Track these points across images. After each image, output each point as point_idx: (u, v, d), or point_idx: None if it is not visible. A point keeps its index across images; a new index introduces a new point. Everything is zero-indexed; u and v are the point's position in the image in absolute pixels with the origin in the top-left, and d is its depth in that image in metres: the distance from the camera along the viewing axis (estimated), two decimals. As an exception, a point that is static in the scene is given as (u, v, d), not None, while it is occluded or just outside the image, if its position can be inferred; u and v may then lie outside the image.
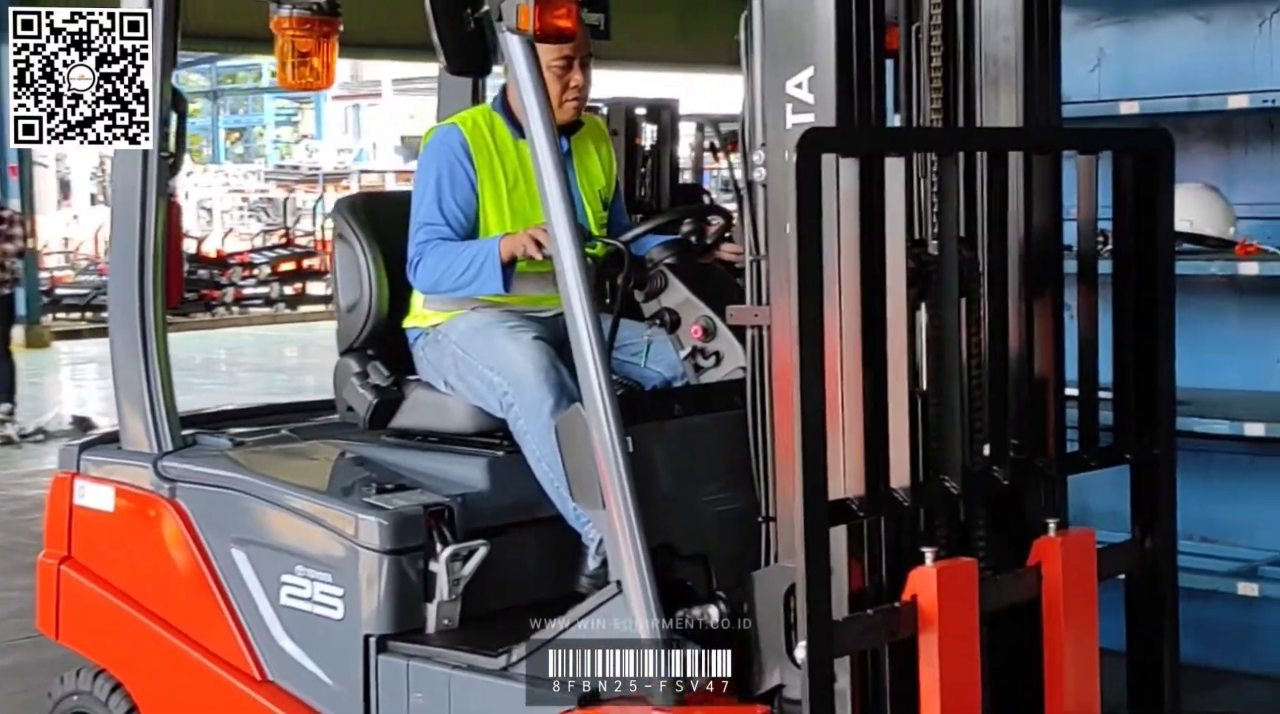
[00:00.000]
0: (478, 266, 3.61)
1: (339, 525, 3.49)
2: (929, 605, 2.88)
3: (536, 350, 3.55)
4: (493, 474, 3.66)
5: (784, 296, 2.92)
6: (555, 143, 3.12)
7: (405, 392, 3.86)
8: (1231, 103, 4.35)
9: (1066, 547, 3.13)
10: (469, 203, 3.73)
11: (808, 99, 2.90)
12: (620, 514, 3.05)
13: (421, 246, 3.70)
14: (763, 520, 3.06)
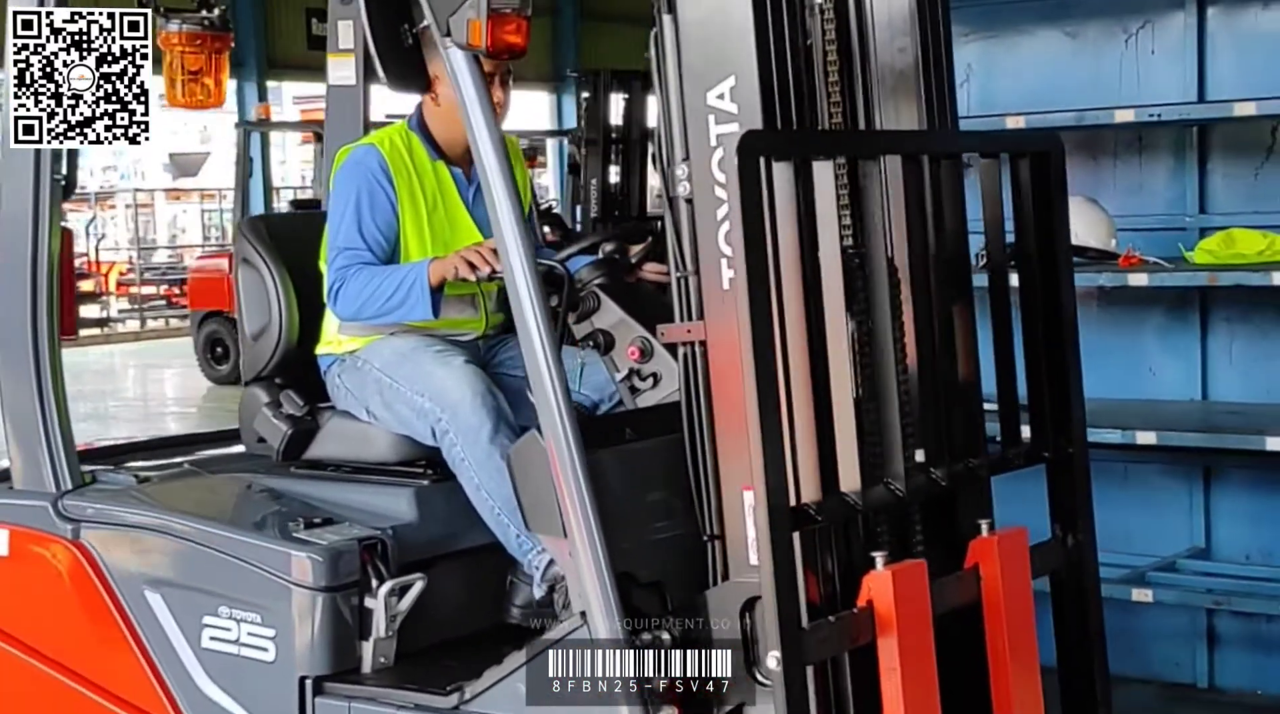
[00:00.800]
0: (404, 292, 3.50)
1: (268, 563, 3.34)
2: (886, 609, 2.88)
3: (471, 375, 3.46)
4: (421, 504, 3.56)
5: (719, 309, 2.91)
6: (504, 160, 3.03)
7: (320, 421, 3.72)
8: (1117, 117, 4.45)
9: (1002, 546, 3.15)
10: (390, 226, 3.61)
11: (730, 109, 2.87)
12: (584, 542, 2.97)
13: (342, 272, 3.56)
14: (708, 539, 3.01)
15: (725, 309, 2.89)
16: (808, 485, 2.86)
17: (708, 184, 2.91)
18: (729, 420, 2.93)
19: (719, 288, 2.91)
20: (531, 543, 3.38)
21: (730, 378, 2.90)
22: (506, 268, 3.02)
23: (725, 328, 2.89)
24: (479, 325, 3.74)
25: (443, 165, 3.70)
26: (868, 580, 2.92)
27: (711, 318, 2.94)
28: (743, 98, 2.87)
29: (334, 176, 3.68)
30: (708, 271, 2.94)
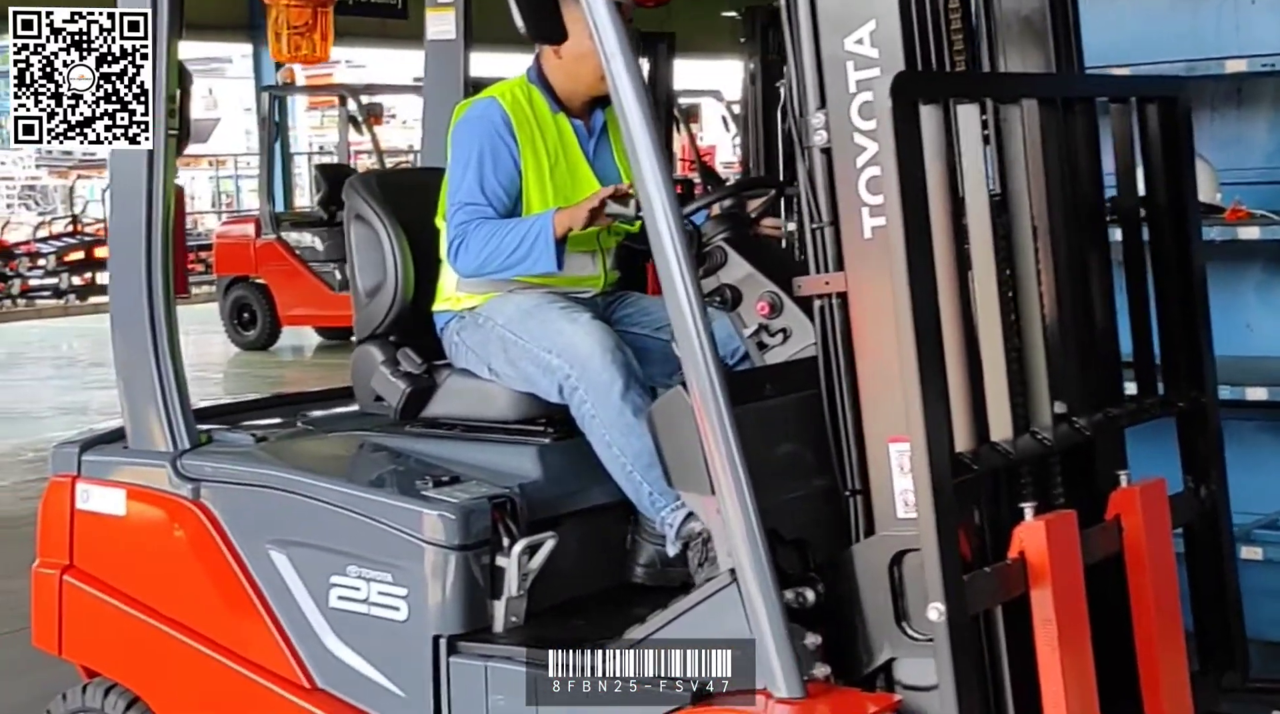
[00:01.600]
0: (529, 244, 3.45)
1: (399, 521, 3.30)
2: (1039, 560, 2.88)
3: (600, 331, 3.41)
4: (544, 463, 3.52)
5: (860, 259, 2.89)
6: (649, 111, 2.98)
7: (437, 379, 3.68)
8: (1228, 67, 4.39)
9: (1144, 496, 3.15)
10: (512, 181, 3.56)
11: (871, 53, 2.85)
12: (734, 499, 2.92)
13: (463, 227, 3.52)
14: (849, 494, 2.99)
15: (868, 259, 2.89)
16: (960, 435, 2.85)
17: (847, 131, 2.89)
18: (874, 372, 2.91)
19: (860, 237, 2.90)
20: (665, 500, 3.34)
21: (875, 328, 2.89)
22: (650, 221, 2.97)
23: (869, 278, 2.88)
24: (598, 282, 3.70)
25: (563, 117, 3.65)
26: (1019, 531, 2.91)
27: (853, 268, 2.92)
28: (883, 42, 2.84)
29: (453, 130, 3.63)
30: (847, 221, 2.92)
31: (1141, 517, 3.12)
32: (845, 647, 2.96)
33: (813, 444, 3.11)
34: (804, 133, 2.97)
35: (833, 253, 2.97)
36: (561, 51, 3.58)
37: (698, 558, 3.28)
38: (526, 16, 3.08)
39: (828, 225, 2.97)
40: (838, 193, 2.93)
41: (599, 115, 3.71)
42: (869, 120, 2.84)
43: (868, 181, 2.86)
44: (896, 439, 2.87)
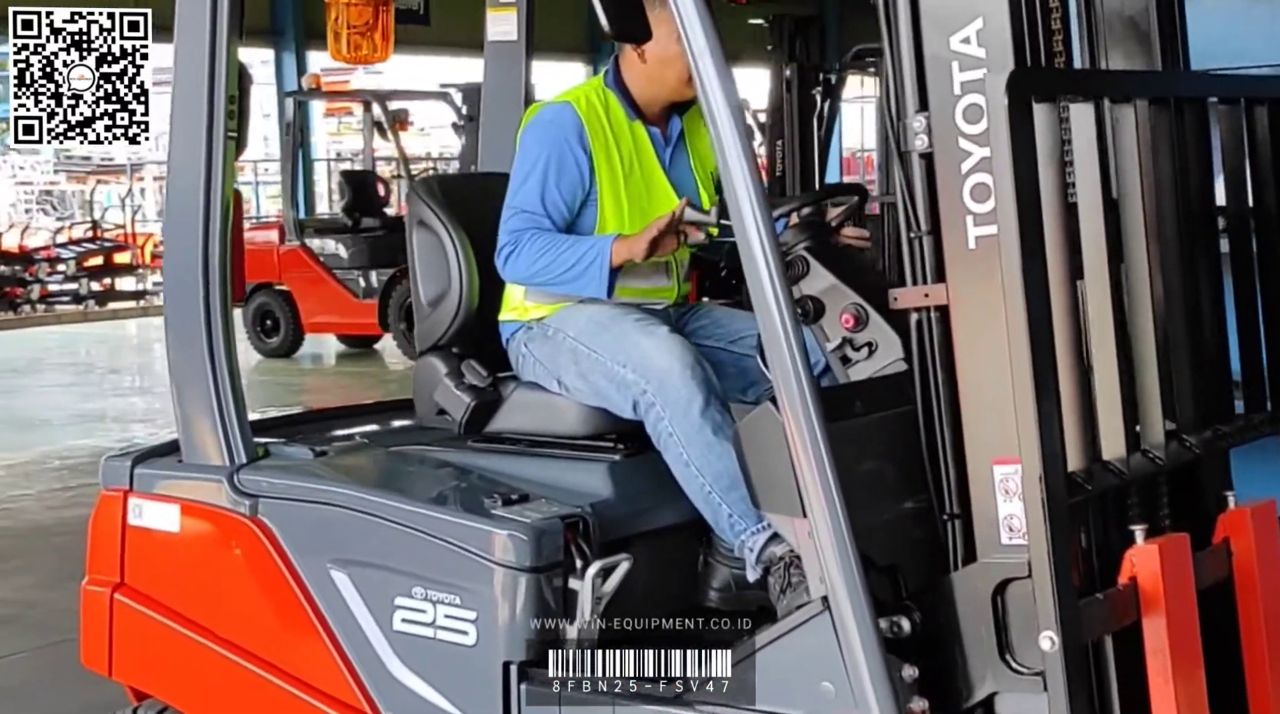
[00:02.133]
0: (583, 267, 3.34)
1: (468, 541, 3.16)
2: (1151, 586, 2.76)
3: (679, 345, 3.28)
4: (615, 480, 3.39)
5: (964, 270, 2.75)
6: (740, 114, 2.86)
7: (503, 392, 3.54)
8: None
9: (1256, 519, 3.02)
10: (574, 194, 3.43)
11: (978, 53, 2.70)
12: (828, 523, 2.79)
13: (516, 234, 3.39)
14: (947, 518, 2.85)
15: (973, 270, 2.74)
16: (1072, 454, 2.72)
17: (951, 135, 2.74)
18: (977, 389, 2.77)
19: (964, 247, 2.75)
20: (746, 523, 3.20)
21: (979, 343, 2.75)
22: (740, 229, 2.84)
23: (973, 290, 2.74)
24: (671, 293, 3.57)
25: (640, 125, 3.52)
26: (1132, 555, 2.79)
27: (955, 280, 2.78)
28: (991, 40, 2.69)
29: (522, 133, 3.50)
30: (950, 230, 2.77)
31: (1253, 539, 3.00)
32: (944, 679, 2.82)
33: (904, 464, 2.98)
34: (903, 137, 2.83)
35: (932, 263, 2.83)
36: (646, 54, 3.45)
37: (780, 584, 3.14)
38: (611, 15, 2.94)
39: (927, 234, 2.84)
40: (939, 200, 2.78)
41: (675, 122, 3.58)
42: (975, 124, 2.70)
43: (973, 188, 2.72)
44: (1001, 461, 2.73)
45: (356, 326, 14.68)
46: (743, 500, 3.19)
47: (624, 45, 3.51)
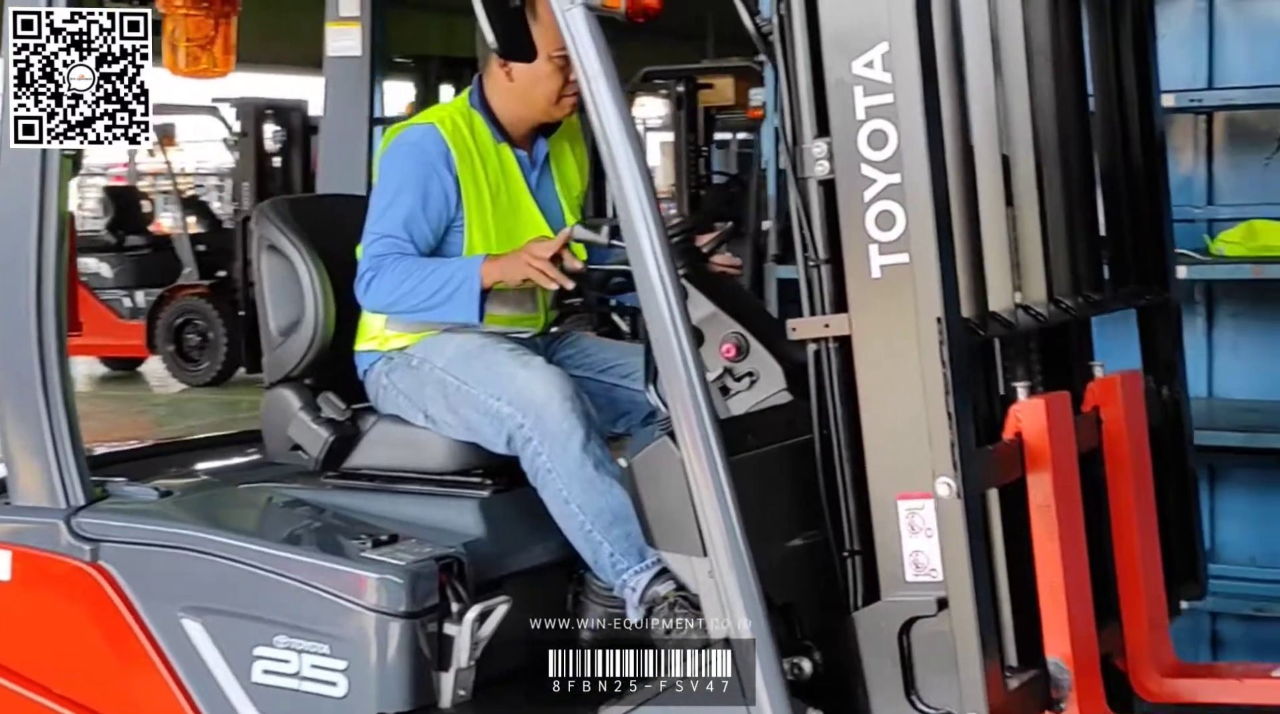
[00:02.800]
0: (450, 290, 3.18)
1: (338, 586, 2.99)
2: (1038, 441, 2.74)
3: (557, 377, 3.14)
4: (486, 519, 3.25)
5: (867, 300, 2.66)
6: (635, 139, 2.74)
7: (362, 426, 3.36)
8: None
9: (1125, 387, 3.02)
10: (439, 218, 3.28)
11: (883, 78, 2.61)
12: (731, 562, 2.69)
13: (378, 259, 3.22)
14: (848, 555, 2.75)
15: (876, 300, 2.65)
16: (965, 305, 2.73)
17: (854, 162, 2.65)
18: (881, 423, 2.68)
19: (867, 277, 2.66)
20: (628, 561, 3.09)
21: (884, 375, 2.66)
22: (638, 259, 2.72)
23: (877, 320, 2.66)
24: (538, 322, 3.43)
25: (506, 148, 3.37)
26: (1016, 410, 2.76)
27: (859, 310, 2.68)
28: (897, 65, 2.60)
29: (383, 155, 3.33)
30: (852, 260, 2.68)
31: (1122, 407, 2.99)
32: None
33: (795, 499, 2.89)
34: (800, 163, 2.73)
35: (832, 293, 2.74)
36: (514, 74, 3.31)
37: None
38: (499, 34, 2.81)
39: (825, 263, 2.74)
40: (841, 228, 2.69)
41: (541, 145, 3.44)
42: (880, 149, 2.61)
43: (877, 216, 2.63)
44: (907, 495, 2.65)
45: (121, 348, 14.10)
46: (624, 538, 3.09)
47: (490, 65, 3.37)
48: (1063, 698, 2.69)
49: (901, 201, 2.59)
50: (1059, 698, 2.70)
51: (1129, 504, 2.99)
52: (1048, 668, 2.72)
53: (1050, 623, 2.72)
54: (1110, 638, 2.96)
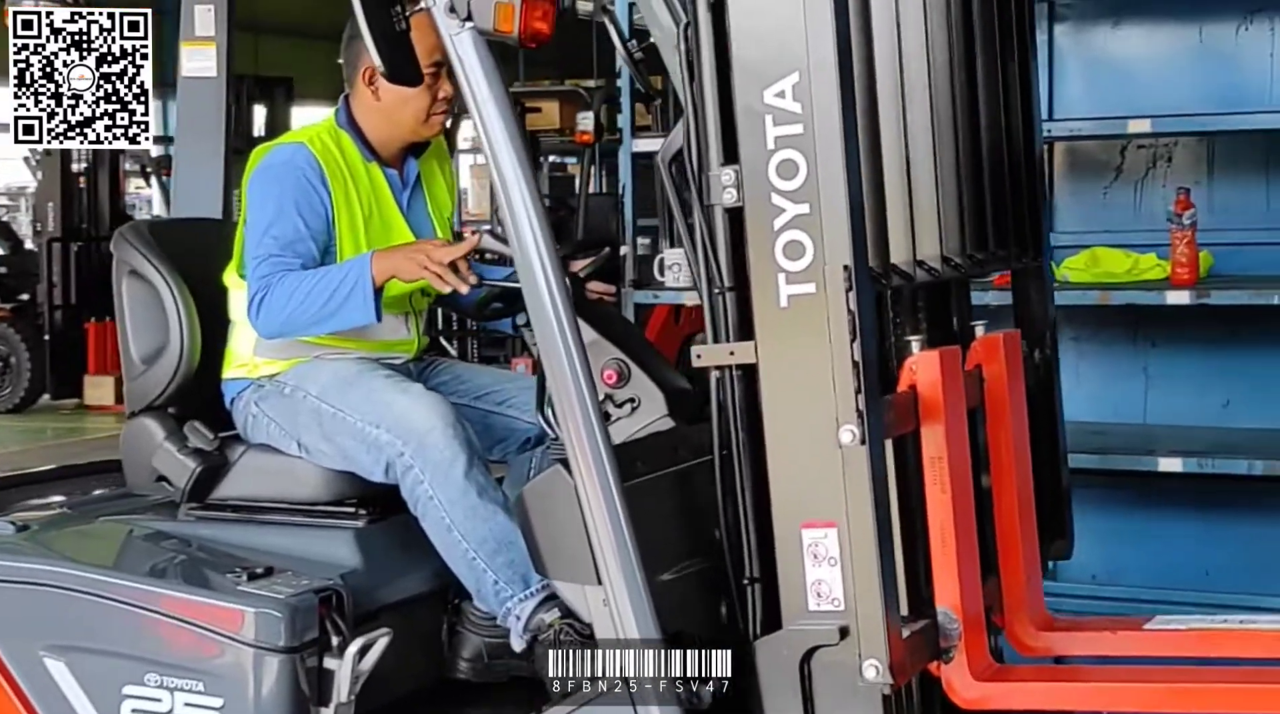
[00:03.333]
0: (344, 293, 3.08)
1: (214, 621, 2.89)
2: (932, 392, 2.74)
3: (439, 403, 3.08)
4: (363, 550, 3.17)
5: (774, 329, 2.63)
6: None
7: (230, 456, 3.27)
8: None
9: (1006, 346, 3.02)
10: (321, 233, 3.19)
11: (793, 108, 2.57)
12: (627, 588, 2.67)
13: (265, 280, 3.13)
14: (748, 583, 2.73)
15: (784, 329, 2.62)
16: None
17: (763, 191, 2.61)
18: (786, 451, 2.63)
19: (775, 305, 2.62)
20: (512, 589, 3.04)
21: (790, 404, 2.62)
22: (531, 285, 2.69)
23: (784, 349, 2.62)
24: (411, 347, 3.37)
25: (376, 167, 3.31)
26: (912, 362, 2.77)
27: (765, 339, 2.64)
28: (806, 96, 2.57)
29: (252, 177, 3.24)
30: (760, 289, 2.64)
31: (1004, 366, 2.99)
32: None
33: (684, 526, 2.89)
34: (706, 189, 2.70)
35: (736, 320, 2.71)
36: (381, 93, 3.25)
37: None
38: (385, 58, 2.75)
39: (730, 291, 2.71)
40: (749, 256, 2.65)
41: (412, 165, 3.38)
42: (789, 179, 2.59)
43: (785, 245, 2.59)
44: (811, 524, 2.62)
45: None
46: (508, 565, 3.05)
47: (356, 85, 3.31)
48: (952, 647, 2.69)
49: (809, 232, 2.57)
50: (948, 647, 2.70)
51: (1009, 460, 2.99)
52: (937, 618, 2.70)
53: (940, 573, 2.72)
54: (989, 593, 2.96)
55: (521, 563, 2.95)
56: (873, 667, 2.55)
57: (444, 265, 3.05)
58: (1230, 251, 4.66)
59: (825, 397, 2.55)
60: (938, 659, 2.72)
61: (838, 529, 2.58)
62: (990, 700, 2.70)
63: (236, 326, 3.28)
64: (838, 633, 2.60)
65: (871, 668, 2.55)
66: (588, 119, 8.73)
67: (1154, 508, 4.81)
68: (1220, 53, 4.66)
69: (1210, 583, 4.70)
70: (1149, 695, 2.69)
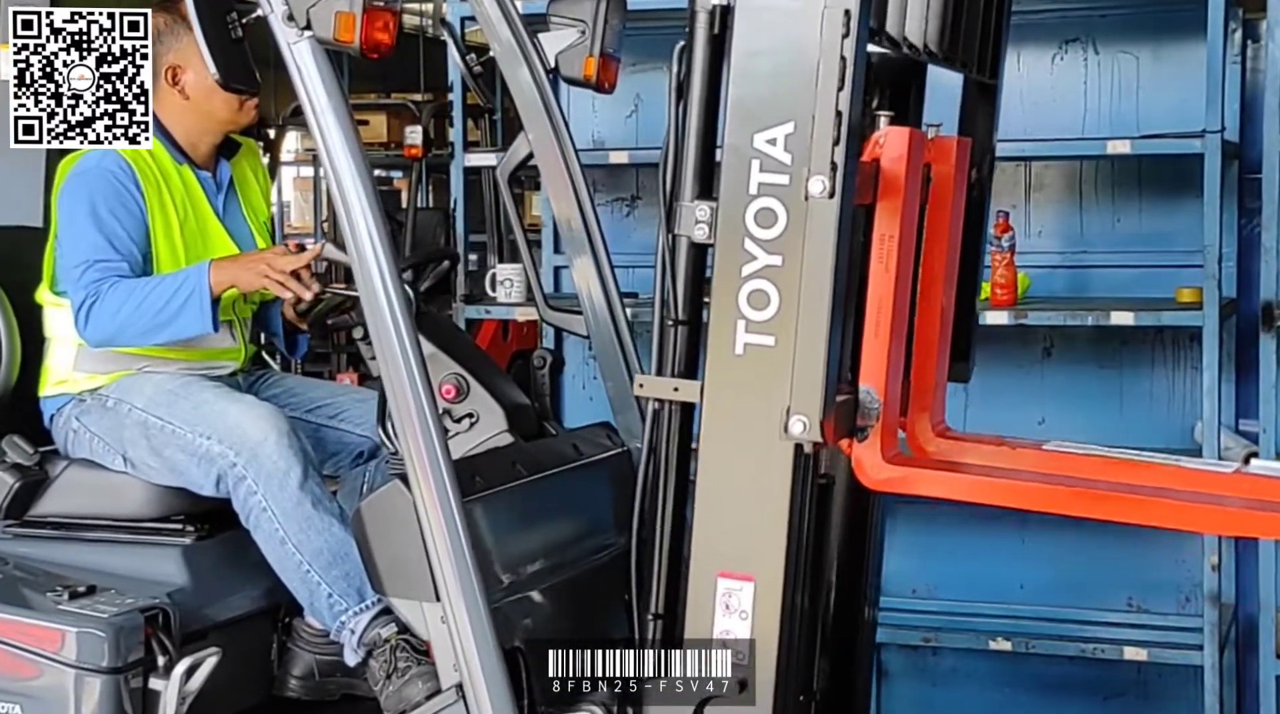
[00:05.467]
0: (180, 302, 3.03)
1: (33, 641, 2.81)
2: (895, 168, 2.63)
3: (272, 413, 3.03)
4: (190, 567, 3.11)
5: (726, 373, 2.54)
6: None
7: (50, 472, 3.17)
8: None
9: (959, 150, 2.93)
10: (141, 235, 3.13)
11: (783, 158, 2.49)
12: (465, 607, 2.65)
13: (95, 286, 3.05)
14: (652, 618, 2.67)
15: (734, 376, 2.54)
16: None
17: (737, 234, 2.52)
18: (716, 498, 2.58)
19: (729, 351, 2.53)
20: (347, 603, 3.00)
21: (728, 453, 2.56)
22: (370, 296, 2.67)
23: (731, 398, 2.55)
24: (238, 355, 3.31)
25: (188, 169, 3.25)
26: (880, 135, 2.64)
27: (714, 383, 2.56)
28: (799, 148, 2.49)
29: (63, 187, 3.16)
30: (716, 331, 2.55)
31: (953, 168, 2.89)
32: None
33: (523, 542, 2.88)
34: (677, 219, 2.60)
35: (683, 356, 2.64)
36: (187, 89, 3.21)
37: (385, 668, 2.94)
38: (221, 66, 2.70)
39: (682, 324, 2.64)
40: (715, 297, 2.55)
41: (225, 168, 3.33)
42: (767, 228, 2.50)
43: (750, 293, 2.51)
44: (729, 575, 2.57)
45: None
46: (343, 579, 3.00)
47: (158, 86, 3.21)
48: (869, 426, 2.62)
49: (778, 284, 2.50)
50: (865, 425, 2.62)
51: (941, 263, 2.91)
52: (859, 395, 2.63)
53: (870, 353, 2.63)
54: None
55: (356, 576, 2.92)
56: (800, 421, 2.48)
57: (286, 273, 3.01)
58: (1045, 273, 4.77)
59: (763, 450, 2.51)
60: (853, 436, 2.63)
61: (754, 584, 2.54)
62: (898, 484, 2.66)
63: (52, 343, 3.20)
64: (737, 685, 2.56)
65: (799, 422, 2.48)
66: (416, 133, 8.65)
67: (972, 522, 4.90)
68: (1036, 80, 4.77)
69: (1025, 596, 4.81)
70: (1056, 496, 2.67)
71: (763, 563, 2.53)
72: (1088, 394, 4.74)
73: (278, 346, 3.47)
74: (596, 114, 4.96)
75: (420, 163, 8.85)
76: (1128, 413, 4.69)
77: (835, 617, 2.92)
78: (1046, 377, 4.82)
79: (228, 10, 2.75)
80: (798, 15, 2.47)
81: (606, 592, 2.99)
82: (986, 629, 4.61)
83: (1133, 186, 4.69)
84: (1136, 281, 4.63)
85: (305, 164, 12.19)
